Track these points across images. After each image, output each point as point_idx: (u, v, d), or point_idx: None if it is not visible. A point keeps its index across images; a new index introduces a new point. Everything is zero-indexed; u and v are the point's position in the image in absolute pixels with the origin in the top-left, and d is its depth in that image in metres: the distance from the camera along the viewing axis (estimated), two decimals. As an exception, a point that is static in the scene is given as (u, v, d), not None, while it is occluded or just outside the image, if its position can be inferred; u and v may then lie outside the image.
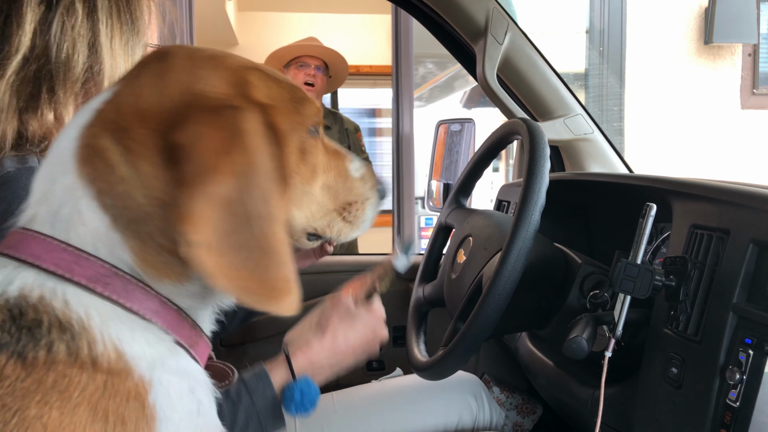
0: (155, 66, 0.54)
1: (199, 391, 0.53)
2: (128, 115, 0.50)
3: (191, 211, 0.46)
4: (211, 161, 0.47)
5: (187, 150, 0.47)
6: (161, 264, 0.51)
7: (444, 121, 2.02)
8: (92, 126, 0.51)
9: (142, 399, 0.47)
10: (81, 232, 0.50)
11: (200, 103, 0.51)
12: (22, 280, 0.48)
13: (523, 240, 0.84)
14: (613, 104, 3.76)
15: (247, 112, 0.51)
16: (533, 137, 0.93)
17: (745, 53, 3.78)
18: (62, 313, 0.47)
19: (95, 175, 0.49)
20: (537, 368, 1.18)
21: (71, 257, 0.49)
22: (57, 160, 0.52)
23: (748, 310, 0.70)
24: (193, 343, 0.55)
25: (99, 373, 0.46)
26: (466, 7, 1.34)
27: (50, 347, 0.45)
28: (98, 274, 0.49)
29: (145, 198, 0.49)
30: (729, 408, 0.69)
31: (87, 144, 0.50)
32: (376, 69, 5.10)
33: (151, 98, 0.51)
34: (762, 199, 0.73)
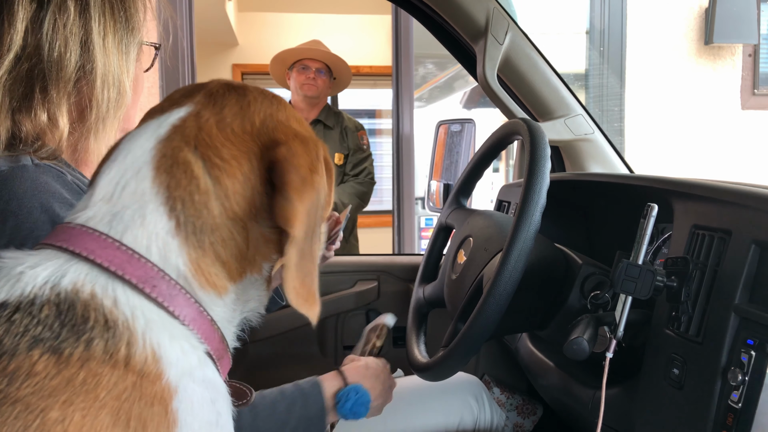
0: (233, 95, 0.59)
1: (219, 403, 0.54)
2: (213, 135, 0.55)
3: (296, 211, 0.52)
4: (307, 175, 0.54)
5: (288, 163, 0.54)
6: (211, 273, 0.54)
7: (444, 121, 2.01)
8: (172, 139, 0.55)
9: (165, 404, 0.48)
10: (138, 234, 0.52)
11: (287, 129, 0.58)
12: (76, 273, 0.49)
13: (523, 240, 0.84)
14: (613, 104, 3.76)
15: (320, 144, 0.60)
16: (534, 137, 0.93)
17: (746, 53, 3.78)
18: (109, 311, 0.48)
19: (173, 184, 0.53)
20: (538, 369, 1.18)
21: (124, 256, 0.50)
22: (130, 166, 0.54)
23: (750, 311, 0.69)
24: (221, 356, 0.56)
25: (130, 374, 0.46)
26: (466, 7, 1.33)
27: (89, 344, 0.46)
28: (147, 276, 0.51)
29: (220, 209, 0.53)
30: (731, 409, 0.69)
31: (168, 155, 0.54)
32: (376, 69, 5.10)
33: (236, 122, 0.56)
34: (764, 199, 0.73)
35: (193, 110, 0.57)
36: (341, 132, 2.77)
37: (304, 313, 0.54)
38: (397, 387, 1.25)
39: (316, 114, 2.76)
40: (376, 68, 5.09)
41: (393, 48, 2.98)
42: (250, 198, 0.55)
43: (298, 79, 2.72)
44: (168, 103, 0.59)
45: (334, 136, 2.75)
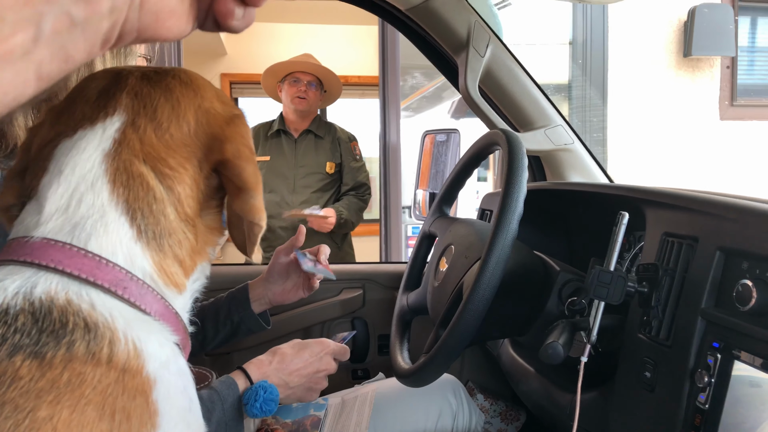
0: (160, 92, 0.60)
1: (189, 390, 0.58)
2: (155, 146, 0.58)
3: (259, 202, 0.59)
4: (254, 164, 0.60)
5: (240, 160, 0.59)
6: (173, 273, 0.58)
7: (430, 131, 2.04)
8: (120, 153, 0.57)
9: (146, 395, 0.50)
10: (102, 242, 0.54)
11: (219, 118, 0.61)
12: (47, 283, 0.51)
13: (501, 248, 0.86)
14: (595, 115, 3.81)
15: (238, 112, 0.63)
16: (511, 147, 0.96)
17: (724, 66, 3.86)
18: (89, 314, 0.50)
19: (132, 196, 0.56)
20: (519, 375, 1.20)
21: (92, 263, 0.53)
22: (81, 180, 0.56)
23: (716, 315, 0.72)
24: (185, 344, 0.60)
25: (112, 371, 0.49)
26: (448, 20, 1.36)
27: (70, 346, 0.48)
28: (117, 279, 0.54)
29: (174, 215, 0.58)
30: (699, 410, 0.72)
31: (122, 169, 0.57)
32: (364, 79, 5.13)
33: (172, 126, 0.59)
34: (728, 207, 0.76)
35: (127, 119, 0.58)
36: (333, 142, 2.80)
37: (258, 260, 0.64)
38: (378, 389, 1.27)
39: (307, 125, 2.78)
40: (364, 78, 5.12)
41: (380, 58, 3.01)
42: (198, 198, 0.60)
43: (290, 92, 2.75)
44: (89, 108, 0.59)
45: (325, 146, 2.78)
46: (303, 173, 2.74)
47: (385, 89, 2.98)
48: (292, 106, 2.74)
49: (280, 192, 2.72)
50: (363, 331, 1.67)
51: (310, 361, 1.07)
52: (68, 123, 0.59)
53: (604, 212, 1.19)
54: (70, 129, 0.58)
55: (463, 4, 1.35)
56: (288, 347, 1.08)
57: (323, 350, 1.10)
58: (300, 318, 1.63)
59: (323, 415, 1.22)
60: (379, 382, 1.31)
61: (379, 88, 3.01)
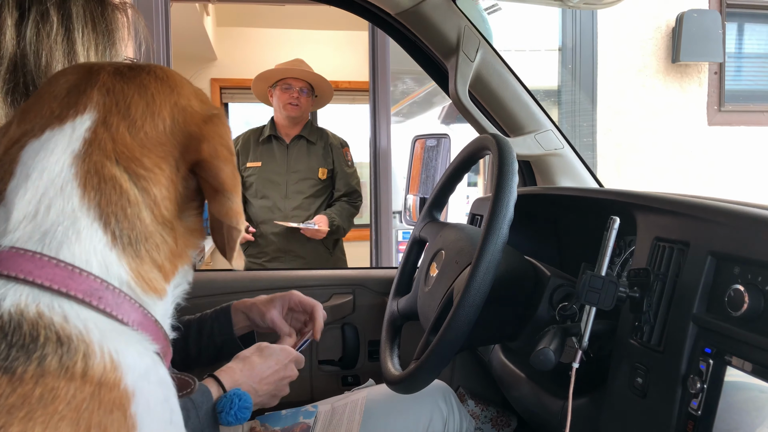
0: (133, 89, 0.58)
1: (171, 400, 0.55)
2: (129, 145, 0.55)
3: (237, 204, 0.57)
4: (233, 164, 0.58)
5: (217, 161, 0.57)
6: (151, 279, 0.56)
7: (420, 136, 2.04)
8: (90, 154, 0.54)
9: (124, 409, 0.48)
10: (75, 250, 0.52)
11: (195, 117, 0.59)
12: (16, 295, 0.49)
13: (491, 253, 0.86)
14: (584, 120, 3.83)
15: (217, 111, 0.60)
16: (502, 152, 0.95)
17: (711, 72, 3.89)
18: (61, 327, 0.48)
19: (104, 201, 0.53)
20: (510, 381, 1.19)
21: (64, 273, 0.50)
22: (50, 184, 0.53)
23: (707, 320, 0.71)
24: (166, 352, 0.58)
25: (87, 385, 0.47)
26: (438, 25, 1.36)
27: (41, 361, 0.46)
28: (92, 288, 0.51)
29: (151, 218, 0.55)
30: (691, 417, 0.71)
31: (92, 172, 0.54)
32: (354, 85, 5.13)
33: (147, 124, 0.56)
34: (719, 212, 0.75)
35: (98, 117, 0.56)
36: (325, 147, 2.79)
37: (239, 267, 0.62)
38: (368, 394, 1.25)
39: (299, 131, 2.77)
40: (355, 83, 5.12)
41: (370, 64, 3.01)
42: (175, 199, 0.57)
43: (282, 99, 2.73)
44: (57, 105, 0.57)
45: (317, 151, 2.77)
46: (295, 179, 2.73)
47: (376, 94, 2.98)
48: (284, 112, 2.73)
49: (273, 198, 2.70)
50: (353, 337, 1.65)
51: (275, 369, 1.08)
52: (35, 121, 0.56)
53: (594, 217, 1.19)
54: (37, 128, 0.55)
55: (453, 8, 1.35)
56: (255, 355, 1.08)
57: (287, 357, 1.10)
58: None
59: (313, 422, 1.21)
60: (370, 389, 1.30)
61: (370, 94, 3.01)
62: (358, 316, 1.65)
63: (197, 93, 0.62)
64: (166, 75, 0.61)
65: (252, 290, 1.61)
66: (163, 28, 2.64)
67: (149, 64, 0.61)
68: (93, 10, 0.84)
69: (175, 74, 0.62)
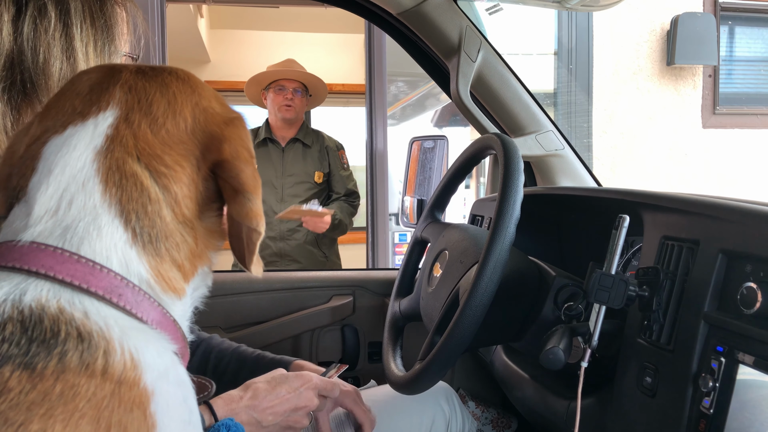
0: (155, 87, 0.58)
1: (189, 400, 0.55)
2: (150, 142, 0.55)
3: (257, 207, 0.57)
4: (254, 167, 0.58)
5: (238, 162, 0.57)
6: (171, 278, 0.55)
7: (417, 138, 2.04)
8: (112, 151, 0.54)
9: (144, 408, 0.48)
10: (96, 246, 0.51)
11: (217, 118, 0.59)
12: (37, 290, 0.48)
13: (499, 252, 0.85)
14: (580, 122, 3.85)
15: (238, 116, 0.60)
16: (507, 151, 0.95)
17: (706, 74, 3.92)
18: (82, 323, 0.48)
19: (125, 197, 0.53)
20: (513, 381, 1.19)
21: (85, 269, 0.50)
22: (72, 180, 0.53)
23: (719, 318, 0.71)
24: (184, 353, 0.57)
25: (108, 382, 0.46)
26: (439, 25, 1.36)
27: (62, 357, 0.45)
28: (112, 285, 0.51)
29: (171, 216, 0.55)
30: (703, 416, 0.71)
31: (114, 168, 0.54)
32: (349, 87, 5.13)
33: (168, 122, 0.56)
34: (730, 210, 0.75)
35: (120, 114, 0.56)
36: (320, 151, 2.77)
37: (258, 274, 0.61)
38: (371, 395, 1.24)
39: (294, 133, 2.75)
40: (349, 86, 5.12)
41: (366, 66, 3.01)
42: (196, 198, 0.57)
43: (276, 101, 2.71)
44: (80, 102, 0.57)
45: (313, 154, 2.76)
46: (291, 182, 2.71)
47: (372, 96, 2.97)
48: (279, 114, 2.71)
49: (268, 201, 2.68)
50: (353, 339, 1.64)
51: (286, 398, 0.95)
52: (57, 118, 0.56)
53: (597, 217, 1.19)
54: (59, 125, 0.55)
55: (454, 8, 1.35)
56: (263, 382, 0.97)
57: (303, 384, 0.98)
58: (289, 326, 1.60)
59: None
60: (370, 390, 1.29)
61: (366, 96, 3.00)
62: (358, 318, 1.64)
63: (217, 96, 0.62)
64: (188, 76, 0.61)
65: (249, 291, 1.60)
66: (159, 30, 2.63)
67: (170, 66, 0.61)
68: (92, 5, 0.83)
69: (196, 77, 0.62)
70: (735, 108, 4.00)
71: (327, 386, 1.00)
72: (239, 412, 0.92)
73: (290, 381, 0.97)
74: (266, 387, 0.96)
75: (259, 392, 0.95)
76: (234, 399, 0.94)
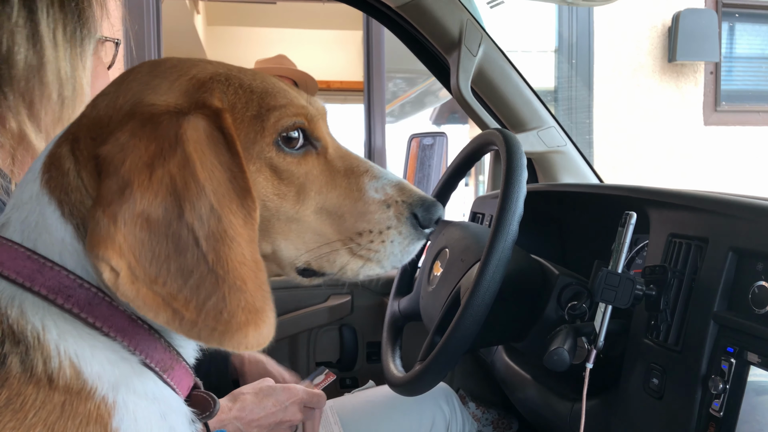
0: (120, 77, 0.53)
1: (172, 418, 0.50)
2: (83, 126, 0.50)
3: (107, 234, 0.41)
4: (131, 175, 0.43)
5: (106, 164, 0.44)
6: None
7: (416, 134, 2.01)
8: (61, 136, 0.50)
9: (104, 422, 0.44)
10: (47, 240, 0.47)
11: (139, 112, 0.47)
12: None
13: (502, 250, 0.83)
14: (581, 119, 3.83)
15: (191, 117, 0.47)
16: (509, 147, 0.92)
17: (707, 71, 3.90)
18: (17, 324, 0.44)
19: (53, 183, 0.48)
20: (514, 382, 1.17)
21: (35, 266, 0.46)
22: (32, 167, 0.50)
23: (729, 318, 0.69)
24: (167, 367, 0.51)
25: (56, 393, 0.42)
26: (440, 18, 1.33)
27: (3, 360, 0.42)
28: (61, 285, 0.46)
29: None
30: (712, 418, 0.68)
31: (51, 153, 0.49)
32: (346, 84, 5.11)
33: (103, 109, 0.50)
34: (740, 207, 0.73)
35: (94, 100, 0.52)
36: None
37: None
38: (370, 396, 1.22)
39: None
40: (347, 83, 5.10)
41: (365, 62, 2.98)
42: None
43: None
44: None
45: None
46: None
47: (371, 93, 2.95)
48: None
49: None
50: (351, 339, 1.62)
51: (272, 411, 0.95)
52: None
53: (600, 214, 1.16)
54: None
55: (454, 2, 1.33)
56: (251, 393, 0.97)
57: (289, 399, 0.97)
58: (286, 325, 1.58)
59: None
60: (369, 391, 1.27)
61: (364, 92, 2.98)
62: (356, 317, 1.62)
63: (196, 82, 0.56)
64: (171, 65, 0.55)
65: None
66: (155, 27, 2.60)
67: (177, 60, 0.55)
68: None
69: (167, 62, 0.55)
70: (737, 105, 3.99)
71: (312, 399, 1.00)
72: (227, 423, 0.92)
73: (277, 394, 0.97)
74: (254, 399, 0.96)
75: (246, 404, 0.95)
76: (223, 410, 0.93)
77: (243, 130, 0.51)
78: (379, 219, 0.57)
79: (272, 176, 0.53)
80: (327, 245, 0.55)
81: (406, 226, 0.58)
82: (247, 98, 0.52)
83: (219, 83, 0.52)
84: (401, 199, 0.58)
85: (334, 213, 0.56)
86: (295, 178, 0.54)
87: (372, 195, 0.57)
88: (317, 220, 0.55)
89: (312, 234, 0.55)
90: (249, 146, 0.51)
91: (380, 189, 0.58)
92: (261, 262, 0.47)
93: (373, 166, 0.60)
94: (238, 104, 0.52)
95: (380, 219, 0.57)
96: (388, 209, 0.57)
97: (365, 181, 0.58)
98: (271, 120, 0.52)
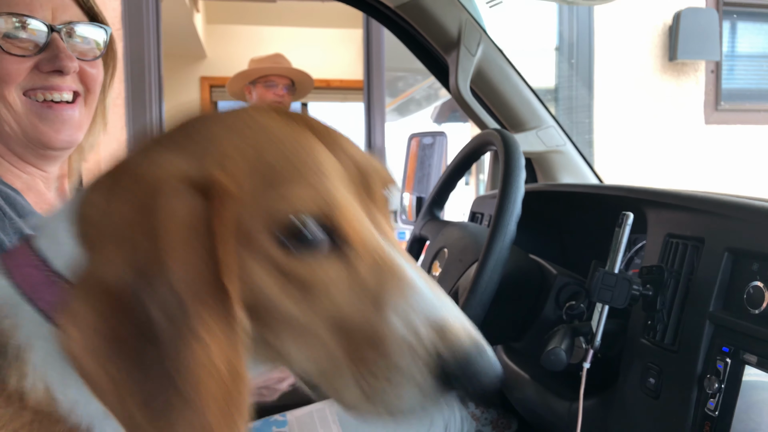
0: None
1: None
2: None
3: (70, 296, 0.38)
4: (103, 242, 0.38)
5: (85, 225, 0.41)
6: None
7: (416, 134, 2.01)
8: None
9: None
10: (59, 253, 0.44)
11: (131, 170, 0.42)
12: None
13: (499, 250, 0.84)
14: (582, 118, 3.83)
15: (183, 193, 0.40)
16: (508, 147, 0.93)
17: (708, 70, 3.90)
18: (5, 335, 0.42)
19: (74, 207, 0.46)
20: (513, 382, 1.17)
21: (42, 277, 0.43)
22: None
23: (725, 318, 0.69)
24: None
25: (26, 411, 0.39)
26: (438, 18, 1.34)
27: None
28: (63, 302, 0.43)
29: None
30: (708, 418, 0.69)
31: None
32: (346, 83, 5.11)
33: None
34: (736, 207, 0.73)
35: None
36: None
37: None
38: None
39: None
40: (347, 82, 5.10)
41: (365, 61, 2.99)
42: None
43: (265, 97, 2.65)
44: None
45: None
46: None
47: (370, 92, 2.95)
48: None
49: None
50: None
51: None
52: None
53: (599, 214, 1.17)
54: None
55: (453, 1, 1.33)
56: None
57: None
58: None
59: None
60: None
61: (364, 91, 2.99)
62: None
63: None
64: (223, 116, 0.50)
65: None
66: (154, 25, 2.60)
67: None
68: None
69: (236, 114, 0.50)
70: (738, 104, 3.98)
71: None
72: None
73: None
74: None
75: None
76: None
77: (247, 215, 0.42)
78: (395, 359, 0.43)
79: (275, 273, 0.43)
80: (334, 366, 0.44)
81: (426, 379, 0.43)
82: (262, 177, 0.43)
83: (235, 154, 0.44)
84: (422, 338, 0.42)
85: (347, 330, 0.44)
86: (300, 280, 0.43)
87: (396, 332, 0.43)
88: (328, 334, 0.44)
89: (320, 348, 0.44)
90: (252, 235, 0.43)
91: (410, 325, 0.43)
92: (243, 377, 0.38)
93: (413, 284, 0.44)
94: (246, 184, 0.43)
95: (396, 360, 0.43)
96: (407, 351, 0.42)
97: (389, 312, 0.43)
98: (273, 210, 0.43)
